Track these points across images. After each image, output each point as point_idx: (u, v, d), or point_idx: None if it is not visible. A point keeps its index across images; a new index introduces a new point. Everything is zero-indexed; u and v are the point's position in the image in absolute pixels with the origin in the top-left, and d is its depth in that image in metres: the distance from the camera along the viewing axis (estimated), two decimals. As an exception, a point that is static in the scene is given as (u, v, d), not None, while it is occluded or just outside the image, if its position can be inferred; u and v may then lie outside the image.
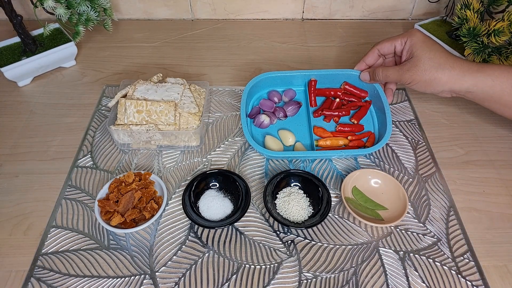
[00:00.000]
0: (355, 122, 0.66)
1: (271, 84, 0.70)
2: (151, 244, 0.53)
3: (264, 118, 0.66)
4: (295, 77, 0.70)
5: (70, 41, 0.76)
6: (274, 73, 0.68)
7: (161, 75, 0.68)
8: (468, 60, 0.57)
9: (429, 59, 0.56)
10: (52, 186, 0.59)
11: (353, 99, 0.69)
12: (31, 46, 0.74)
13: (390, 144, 0.66)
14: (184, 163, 0.62)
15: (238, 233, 0.54)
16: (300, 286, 0.49)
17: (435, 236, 0.54)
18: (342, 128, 0.65)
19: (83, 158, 0.63)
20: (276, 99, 0.69)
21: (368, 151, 0.60)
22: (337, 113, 0.67)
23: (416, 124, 0.69)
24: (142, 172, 0.58)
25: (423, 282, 0.50)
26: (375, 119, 0.68)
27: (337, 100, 0.68)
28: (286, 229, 0.55)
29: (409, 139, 0.66)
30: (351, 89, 0.69)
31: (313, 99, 0.69)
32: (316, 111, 0.67)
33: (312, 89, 0.69)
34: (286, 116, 0.68)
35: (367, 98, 0.69)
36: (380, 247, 0.53)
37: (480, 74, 0.55)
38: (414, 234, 0.54)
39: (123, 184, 0.56)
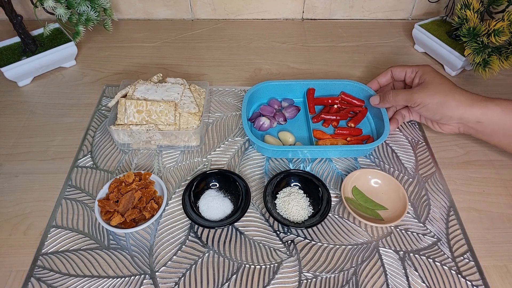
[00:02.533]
0: (352, 125, 0.66)
1: (271, 93, 0.71)
2: (151, 244, 0.53)
3: (264, 121, 0.66)
4: (294, 86, 0.70)
5: (70, 41, 0.76)
6: (273, 82, 0.69)
7: (161, 75, 0.68)
8: (476, 93, 0.58)
9: (440, 84, 0.57)
10: (52, 186, 0.59)
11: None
12: (31, 46, 0.74)
13: (390, 144, 0.66)
14: (184, 163, 0.62)
15: (238, 233, 0.54)
16: (300, 286, 0.49)
17: (435, 236, 0.54)
18: (341, 132, 0.65)
19: (83, 158, 0.63)
20: (276, 106, 0.70)
21: (370, 146, 0.60)
22: (335, 117, 0.67)
23: (416, 124, 0.69)
24: (142, 172, 0.58)
25: (423, 282, 0.50)
26: (372, 125, 0.68)
27: (335, 106, 0.69)
28: (286, 229, 0.55)
29: (409, 139, 0.66)
30: (348, 98, 0.70)
31: (311, 106, 0.69)
32: (315, 117, 0.68)
33: (311, 97, 0.70)
34: (285, 120, 0.68)
35: (363, 107, 0.70)
36: (380, 247, 0.53)
37: (489, 104, 0.56)
38: (414, 234, 0.54)
39: (123, 184, 0.56)
